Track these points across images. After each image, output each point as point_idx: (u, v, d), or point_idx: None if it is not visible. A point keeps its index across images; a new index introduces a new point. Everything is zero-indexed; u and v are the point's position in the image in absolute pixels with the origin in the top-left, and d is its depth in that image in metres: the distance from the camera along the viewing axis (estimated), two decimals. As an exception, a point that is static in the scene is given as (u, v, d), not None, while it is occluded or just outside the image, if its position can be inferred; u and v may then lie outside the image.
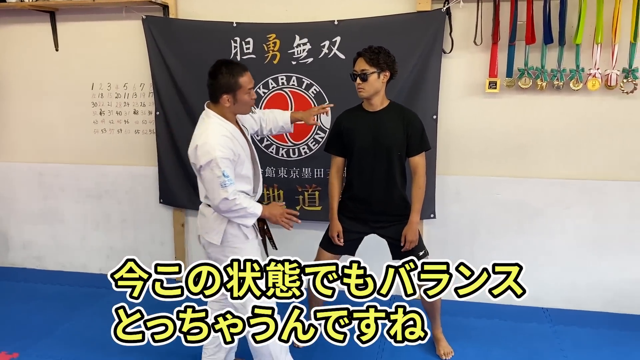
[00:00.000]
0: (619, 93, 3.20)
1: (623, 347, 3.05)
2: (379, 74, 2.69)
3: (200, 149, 2.42)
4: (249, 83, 2.51)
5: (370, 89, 2.72)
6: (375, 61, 2.68)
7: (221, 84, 2.47)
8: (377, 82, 2.70)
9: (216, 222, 2.55)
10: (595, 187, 3.35)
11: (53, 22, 3.86)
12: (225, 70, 2.47)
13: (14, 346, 3.09)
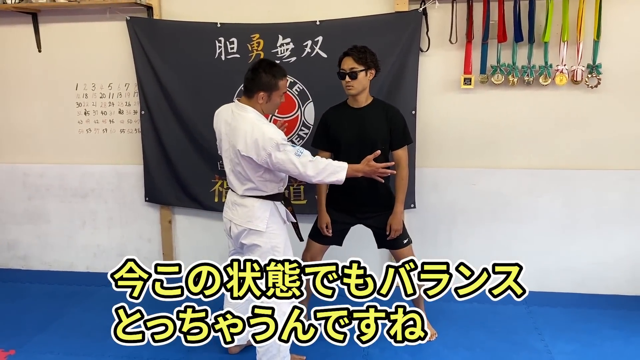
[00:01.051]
0: (585, 87, 3.41)
1: (593, 324, 3.27)
2: (366, 72, 2.83)
3: (262, 140, 2.51)
4: (285, 87, 2.69)
5: (359, 87, 2.85)
6: (363, 60, 2.82)
7: (262, 82, 2.59)
8: (364, 79, 2.84)
9: (260, 210, 2.68)
10: (564, 176, 3.56)
11: (35, 24, 3.88)
12: (268, 69, 2.61)
13: (10, 343, 3.13)
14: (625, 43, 3.35)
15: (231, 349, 3.02)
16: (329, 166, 2.59)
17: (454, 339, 3.12)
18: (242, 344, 3.04)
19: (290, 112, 3.67)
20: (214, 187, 3.88)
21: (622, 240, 3.58)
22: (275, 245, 2.70)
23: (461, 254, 3.74)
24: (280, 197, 2.75)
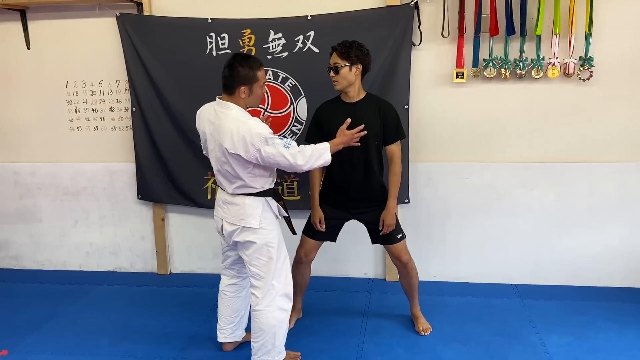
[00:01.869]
0: (577, 80, 3.41)
1: (586, 316, 3.28)
2: (350, 67, 2.81)
3: (250, 136, 2.49)
4: (264, 77, 2.67)
5: (343, 82, 2.84)
6: (346, 55, 2.80)
7: (241, 76, 2.58)
8: (349, 74, 2.83)
9: (252, 207, 2.67)
10: (557, 169, 3.57)
11: (24, 20, 3.84)
12: (244, 62, 2.60)
13: (3, 343, 3.11)
14: (617, 35, 3.35)
15: (225, 346, 3.01)
16: (315, 151, 2.59)
17: (448, 333, 3.12)
18: (237, 341, 3.03)
19: (282, 108, 3.65)
20: (207, 184, 3.87)
21: (615, 232, 3.59)
22: (269, 241, 2.69)
23: (455, 248, 3.79)
24: (270, 193, 2.73)
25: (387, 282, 3.86)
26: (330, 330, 3.20)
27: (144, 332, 3.22)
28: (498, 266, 3.75)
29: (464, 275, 3.80)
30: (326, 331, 3.19)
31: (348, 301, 3.56)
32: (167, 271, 4.11)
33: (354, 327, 3.22)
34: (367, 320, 3.31)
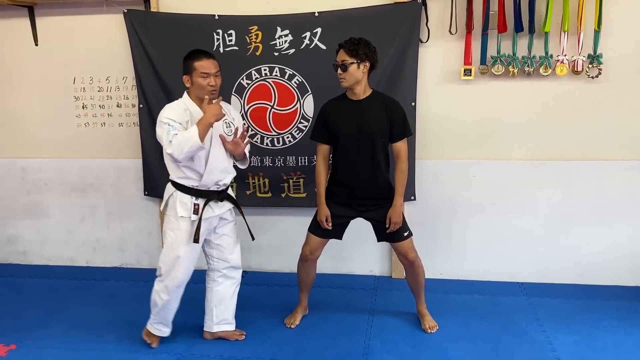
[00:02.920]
0: (585, 78, 3.39)
1: (593, 315, 3.26)
2: (358, 64, 2.80)
3: (158, 118, 2.73)
4: (205, 68, 2.72)
5: (351, 79, 2.83)
6: (355, 52, 2.79)
7: (183, 66, 2.78)
8: (357, 72, 2.82)
9: (166, 191, 2.90)
10: (564, 167, 3.55)
11: (32, 17, 3.85)
12: (189, 55, 2.78)
13: (10, 338, 3.13)
14: (626, 33, 3.33)
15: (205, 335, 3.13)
16: (182, 137, 2.60)
17: (454, 331, 3.11)
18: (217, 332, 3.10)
19: (289, 105, 3.65)
20: (214, 181, 3.87)
21: (623, 230, 3.57)
22: (167, 230, 2.86)
23: (461, 246, 3.78)
24: (181, 188, 2.81)
25: (393, 279, 3.85)
26: (336, 327, 3.21)
27: (150, 328, 3.24)
28: (504, 264, 3.74)
29: (470, 273, 3.79)
30: (332, 328, 3.19)
31: (354, 298, 3.56)
32: (174, 267, 4.12)
33: (360, 324, 3.22)
34: (373, 317, 3.31)
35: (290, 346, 3.00)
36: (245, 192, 3.86)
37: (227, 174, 2.91)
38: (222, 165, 2.85)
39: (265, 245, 4.00)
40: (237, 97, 3.67)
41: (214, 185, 2.85)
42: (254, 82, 3.65)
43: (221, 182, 2.88)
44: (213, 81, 2.74)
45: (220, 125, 2.81)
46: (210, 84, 2.73)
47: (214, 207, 2.88)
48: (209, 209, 2.84)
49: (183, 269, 2.86)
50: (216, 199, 2.87)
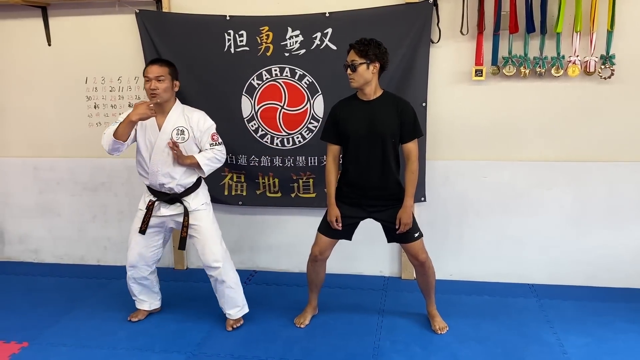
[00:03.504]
0: (597, 79, 3.37)
1: (604, 317, 3.24)
2: (368, 65, 2.80)
3: None
4: (147, 73, 2.96)
5: (360, 79, 2.83)
6: (364, 52, 2.79)
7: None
8: (366, 72, 2.82)
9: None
10: (576, 168, 3.53)
11: (45, 17, 3.88)
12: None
13: (22, 335, 3.16)
14: (639, 33, 3.30)
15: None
16: (108, 129, 2.94)
17: (465, 332, 3.10)
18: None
19: (299, 105, 3.66)
20: (224, 180, 3.89)
21: (635, 233, 3.55)
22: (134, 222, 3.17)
23: (472, 247, 3.77)
24: (149, 189, 3.12)
25: (403, 280, 3.85)
26: (346, 327, 3.21)
27: (161, 326, 3.26)
28: (515, 266, 3.73)
29: (480, 275, 3.78)
30: (342, 328, 3.19)
31: (363, 299, 3.56)
32: (184, 266, 4.14)
33: (370, 325, 3.22)
34: (382, 318, 3.31)
35: (300, 346, 3.01)
36: (255, 192, 3.87)
37: (172, 179, 3.03)
38: (164, 170, 3.02)
39: (275, 245, 4.01)
40: (248, 97, 3.68)
41: (161, 187, 3.06)
42: (264, 83, 3.66)
43: (165, 185, 3.05)
44: (153, 85, 2.93)
45: (170, 132, 2.98)
46: (150, 88, 2.94)
47: (163, 208, 3.11)
48: (158, 208, 3.11)
49: (133, 252, 3.19)
50: (164, 200, 3.09)
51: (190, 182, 3.09)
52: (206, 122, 3.07)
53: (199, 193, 3.14)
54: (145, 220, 3.10)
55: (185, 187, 3.08)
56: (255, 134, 3.73)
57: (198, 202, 3.12)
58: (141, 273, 3.24)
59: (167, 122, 3.00)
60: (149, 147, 3.01)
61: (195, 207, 3.10)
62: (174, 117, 3.01)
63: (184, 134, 3.01)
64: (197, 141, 3.05)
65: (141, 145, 3.03)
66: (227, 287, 3.15)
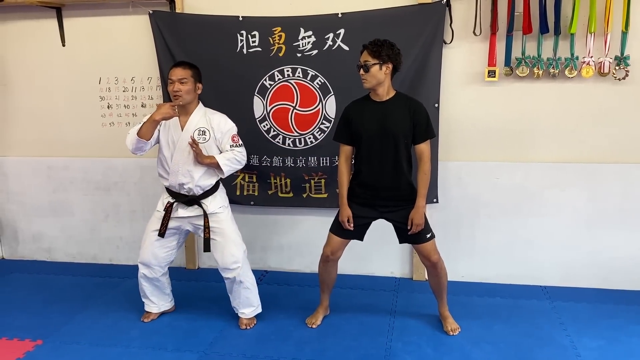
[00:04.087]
0: (612, 80, 3.35)
1: (618, 320, 3.22)
2: (380, 66, 2.80)
3: None
4: (171, 75, 3.03)
5: (373, 80, 2.83)
6: (377, 53, 2.79)
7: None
8: (379, 73, 2.82)
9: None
10: (590, 169, 3.51)
11: (59, 18, 3.92)
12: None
13: (36, 333, 3.19)
14: (654, 34, 3.29)
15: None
16: (132, 129, 3.03)
17: (477, 334, 3.09)
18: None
19: (311, 106, 3.66)
20: (236, 181, 3.90)
21: (649, 235, 3.53)
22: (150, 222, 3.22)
23: (484, 249, 3.76)
24: (168, 191, 3.15)
25: (414, 281, 3.84)
26: (358, 328, 3.20)
27: (173, 326, 3.27)
28: (527, 267, 3.71)
29: (492, 276, 3.76)
30: (353, 329, 3.19)
31: (375, 300, 3.56)
32: (196, 266, 4.16)
33: (382, 326, 3.22)
34: (394, 319, 3.30)
35: (312, 346, 3.01)
36: (267, 192, 3.88)
37: (191, 178, 3.06)
38: (184, 169, 3.06)
39: (286, 245, 4.02)
40: (260, 97, 3.70)
41: (181, 188, 3.09)
42: (276, 83, 3.67)
43: (185, 186, 3.08)
44: (177, 87, 2.99)
45: (192, 131, 3.03)
46: (174, 90, 2.99)
47: (181, 210, 3.13)
48: (176, 209, 3.13)
49: (146, 251, 3.21)
50: (182, 202, 3.11)
51: (210, 184, 3.11)
52: (227, 124, 3.12)
53: (217, 196, 3.17)
54: (164, 222, 3.13)
55: (204, 189, 3.10)
56: (267, 135, 3.74)
57: (216, 205, 3.14)
58: (154, 274, 3.25)
59: (190, 123, 3.05)
60: (171, 146, 3.06)
61: (213, 210, 3.12)
62: (196, 118, 3.07)
63: (205, 135, 3.05)
64: (218, 142, 3.09)
65: (163, 144, 3.09)
66: (244, 288, 3.17)
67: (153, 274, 3.25)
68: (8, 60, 4.09)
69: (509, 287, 3.68)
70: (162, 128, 3.07)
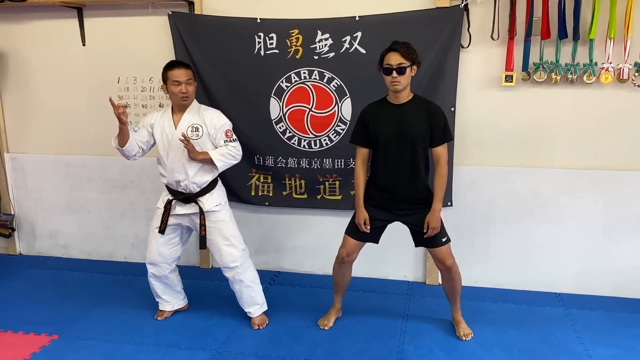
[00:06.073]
0: (631, 86, 3.32)
1: (634, 328, 3.19)
2: (411, 67, 2.81)
3: None
4: (176, 76, 3.03)
5: (405, 82, 2.82)
6: (409, 55, 2.78)
7: (162, 76, 3.11)
8: (409, 75, 2.82)
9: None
10: (606, 176, 3.47)
11: (80, 18, 3.97)
12: (165, 66, 3.11)
13: (52, 328, 3.23)
14: (675, 41, 3.25)
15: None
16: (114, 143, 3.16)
17: (490, 339, 3.08)
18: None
19: (327, 108, 3.68)
20: (251, 181, 3.92)
21: (667, 243, 3.48)
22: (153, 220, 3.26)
23: (498, 254, 3.74)
24: (167, 188, 3.21)
25: (427, 285, 3.83)
26: (370, 330, 3.21)
27: (186, 324, 3.30)
28: (541, 274, 3.68)
29: (506, 282, 3.74)
30: (365, 332, 3.19)
31: (387, 303, 3.56)
32: (209, 265, 4.19)
33: (394, 329, 3.22)
34: (406, 322, 3.30)
35: (324, 347, 3.02)
36: (281, 193, 3.89)
37: (186, 175, 3.09)
38: (179, 166, 3.10)
39: (300, 246, 4.03)
40: (276, 99, 3.72)
41: (178, 186, 3.14)
42: (293, 85, 3.69)
43: (181, 183, 3.11)
44: (184, 88, 3.03)
45: (185, 129, 3.07)
46: (182, 91, 3.03)
47: (179, 207, 3.17)
48: (174, 207, 3.18)
49: (152, 250, 3.26)
50: (179, 199, 3.15)
51: (206, 181, 3.13)
52: (220, 119, 3.15)
53: (214, 194, 3.19)
54: (164, 219, 3.18)
55: (201, 187, 3.13)
56: (283, 136, 3.76)
57: (212, 203, 3.16)
58: (162, 271, 3.28)
59: (183, 120, 3.10)
60: (166, 144, 3.12)
61: (209, 208, 3.15)
62: (190, 115, 3.11)
63: (198, 131, 3.09)
64: (211, 138, 3.12)
65: (159, 143, 3.15)
66: (245, 287, 3.20)
67: (161, 271, 3.28)
68: (30, 59, 4.16)
69: (523, 293, 3.66)
70: (157, 127, 3.14)
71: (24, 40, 4.12)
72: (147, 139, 3.17)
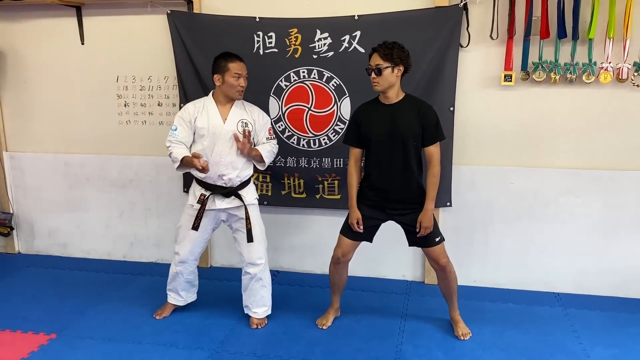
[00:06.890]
0: (630, 86, 3.31)
1: (633, 328, 3.18)
2: (392, 69, 2.80)
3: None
4: (237, 69, 3.00)
5: (385, 83, 2.83)
6: (389, 56, 2.79)
7: (215, 65, 3.04)
8: (391, 76, 2.82)
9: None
10: (606, 176, 3.47)
11: (79, 17, 3.97)
12: (221, 55, 3.05)
13: (51, 327, 3.23)
14: (674, 40, 3.25)
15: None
16: (174, 153, 3.02)
17: (488, 339, 3.08)
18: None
19: (326, 107, 3.67)
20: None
21: (665, 243, 3.48)
22: (183, 214, 3.22)
23: (497, 254, 3.73)
24: (201, 184, 3.12)
25: (426, 285, 3.83)
26: (368, 330, 3.20)
27: (185, 323, 3.29)
28: (540, 274, 3.68)
29: (504, 282, 3.74)
30: (364, 331, 3.19)
31: (386, 302, 3.56)
32: (208, 264, 4.18)
33: (392, 328, 3.21)
34: (405, 322, 3.30)
35: (322, 347, 3.02)
36: (280, 192, 3.89)
37: (233, 169, 3.07)
38: (226, 160, 3.05)
39: (299, 245, 4.03)
40: (275, 98, 3.71)
41: (219, 180, 3.07)
42: (292, 84, 3.68)
43: (225, 176, 3.07)
44: (243, 82, 3.03)
45: (235, 124, 3.05)
46: (241, 85, 3.02)
47: (218, 201, 3.11)
48: (213, 202, 3.10)
49: (184, 249, 3.22)
50: (221, 193, 3.08)
51: (248, 174, 3.16)
52: (265, 117, 3.22)
53: (251, 187, 3.22)
54: (199, 215, 3.12)
55: (242, 180, 3.13)
56: (282, 135, 3.76)
57: (252, 196, 3.19)
58: (189, 268, 3.30)
59: (232, 114, 3.09)
60: (212, 137, 3.05)
61: (250, 201, 3.16)
62: (238, 110, 3.10)
63: (248, 127, 3.09)
64: (255, 134, 3.14)
65: (204, 135, 3.05)
66: (262, 286, 3.21)
67: (188, 268, 3.30)
68: (28, 58, 4.16)
69: (522, 293, 3.66)
70: (201, 120, 3.05)
71: (22, 39, 4.12)
72: (190, 138, 3.10)
